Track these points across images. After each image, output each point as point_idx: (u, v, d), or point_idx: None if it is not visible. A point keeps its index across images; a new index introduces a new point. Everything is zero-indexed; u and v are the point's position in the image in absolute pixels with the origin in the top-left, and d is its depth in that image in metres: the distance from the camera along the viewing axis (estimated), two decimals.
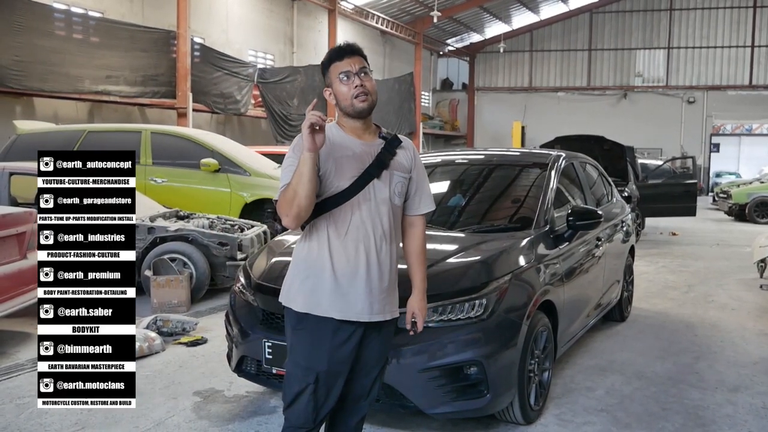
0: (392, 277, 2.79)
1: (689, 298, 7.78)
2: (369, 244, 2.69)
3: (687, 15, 30.53)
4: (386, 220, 2.73)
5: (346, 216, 2.67)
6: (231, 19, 18.97)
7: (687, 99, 30.59)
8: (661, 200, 13.08)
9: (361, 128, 2.76)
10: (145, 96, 14.44)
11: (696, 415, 4.30)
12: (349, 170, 2.68)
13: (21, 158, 8.93)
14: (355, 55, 2.73)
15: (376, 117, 2.84)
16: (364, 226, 2.68)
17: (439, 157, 6.06)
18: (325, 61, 2.76)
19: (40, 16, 12.31)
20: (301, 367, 2.71)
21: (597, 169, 6.51)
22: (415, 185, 2.87)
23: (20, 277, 5.64)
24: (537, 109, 32.03)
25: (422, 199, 2.91)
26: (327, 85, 2.76)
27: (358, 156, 2.71)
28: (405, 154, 2.83)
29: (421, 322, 2.91)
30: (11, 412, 4.16)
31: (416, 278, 2.91)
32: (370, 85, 2.72)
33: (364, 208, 2.69)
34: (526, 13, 30.85)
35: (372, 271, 2.69)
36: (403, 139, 2.85)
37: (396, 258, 2.80)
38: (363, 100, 2.69)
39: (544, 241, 4.49)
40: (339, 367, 2.71)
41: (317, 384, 2.69)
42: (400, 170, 2.79)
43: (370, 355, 2.80)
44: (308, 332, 2.70)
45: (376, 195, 2.71)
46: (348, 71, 2.70)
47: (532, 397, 4.05)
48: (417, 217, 2.91)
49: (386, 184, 2.74)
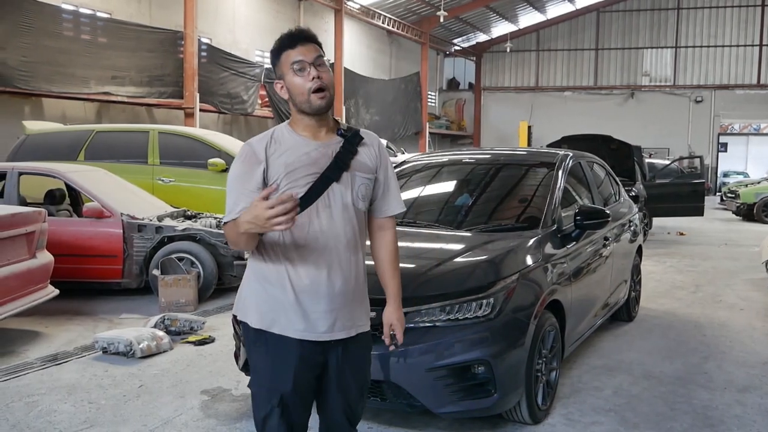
0: (359, 288, 2.52)
1: (697, 298, 7.76)
2: (331, 256, 2.41)
3: (695, 14, 30.39)
4: (350, 228, 2.44)
5: (304, 226, 2.37)
6: (238, 20, 19.00)
7: (694, 98, 30.46)
8: (668, 200, 13.04)
9: (317, 126, 2.45)
10: (153, 96, 14.49)
11: (705, 415, 4.29)
12: (303, 176, 2.38)
13: (30, 158, 8.99)
14: (309, 42, 2.43)
15: (382, 117, 2.71)
16: (324, 236, 2.40)
17: (446, 157, 6.06)
18: (275, 48, 2.46)
19: (48, 17, 12.38)
20: (264, 388, 2.45)
21: (604, 169, 6.50)
22: (382, 186, 2.56)
23: (29, 276, 5.68)
24: (544, 108, 31.94)
25: (391, 201, 2.60)
26: (278, 77, 2.45)
27: (314, 159, 2.40)
28: (368, 151, 2.52)
29: (400, 333, 2.66)
30: (21, 410, 4.18)
31: (390, 287, 2.63)
32: (327, 78, 2.41)
33: (324, 216, 2.40)
34: (533, 13, 30.78)
35: (335, 285, 2.42)
36: (365, 134, 2.54)
37: (363, 268, 2.53)
38: (321, 97, 2.39)
39: (552, 240, 4.49)
40: (305, 387, 2.46)
41: (283, 407, 2.42)
42: (362, 171, 2.48)
43: (343, 373, 2.51)
44: (267, 350, 2.44)
45: (336, 200, 2.41)
46: (301, 60, 2.39)
47: (540, 396, 4.05)
48: (386, 220, 2.61)
49: (347, 187, 2.44)
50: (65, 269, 6.47)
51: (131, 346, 5.17)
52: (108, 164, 8.76)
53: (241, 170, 2.39)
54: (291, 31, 2.46)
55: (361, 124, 23.29)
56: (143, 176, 9.12)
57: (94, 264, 7.03)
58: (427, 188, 5.53)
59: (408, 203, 5.31)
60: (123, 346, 5.19)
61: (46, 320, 6.24)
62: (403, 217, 4.97)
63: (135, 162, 9.34)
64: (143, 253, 7.04)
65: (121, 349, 5.20)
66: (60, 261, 6.21)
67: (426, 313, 3.62)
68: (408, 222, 4.86)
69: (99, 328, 6.03)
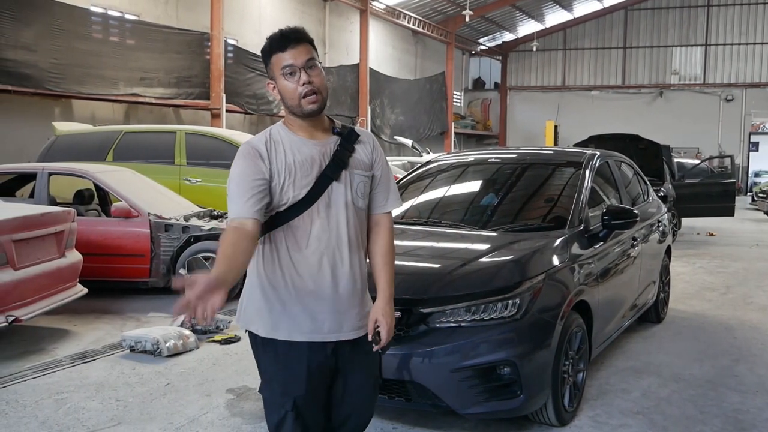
0: (363, 287, 2.50)
1: (728, 300, 7.62)
2: (333, 256, 2.40)
3: (725, 11, 29.93)
4: (351, 227, 2.44)
5: (306, 226, 2.38)
6: (264, 21, 19.12)
7: (725, 97, 30.00)
8: (698, 200, 12.85)
9: (312, 127, 2.44)
10: (180, 97, 14.64)
11: (735, 419, 4.21)
12: (303, 176, 2.37)
13: (60, 159, 9.11)
14: (301, 43, 2.36)
15: (407, 117, 2.70)
16: (326, 235, 2.39)
17: (471, 157, 6.03)
18: (265, 49, 2.40)
19: (77, 19, 12.56)
20: (276, 393, 2.44)
21: (632, 168, 6.41)
22: (378, 182, 2.55)
23: (59, 275, 5.76)
24: (570, 108, 31.68)
25: (388, 196, 2.59)
26: (270, 78, 2.42)
27: (312, 158, 2.40)
28: (364, 149, 2.52)
29: (384, 331, 2.47)
30: (50, 407, 4.24)
31: (381, 282, 2.54)
32: (319, 81, 2.37)
33: (325, 216, 2.39)
34: (560, 11, 30.54)
35: (340, 284, 2.42)
36: (360, 131, 2.54)
37: (365, 266, 2.53)
38: (313, 102, 2.36)
39: (579, 240, 4.43)
40: (319, 390, 2.45)
41: (296, 411, 2.40)
42: (360, 168, 2.48)
43: (353, 374, 2.51)
44: (277, 356, 2.43)
45: (336, 199, 2.41)
46: (291, 65, 2.34)
47: (566, 398, 4.00)
48: (382, 216, 2.59)
49: (346, 185, 2.43)
50: (94, 268, 6.55)
51: (158, 344, 5.22)
52: (136, 164, 8.86)
53: (245, 166, 2.35)
54: (282, 32, 2.38)
55: (386, 124, 23.30)
56: (170, 176, 9.20)
57: (122, 263, 7.10)
58: (452, 188, 5.50)
59: (433, 203, 5.30)
60: (150, 345, 5.24)
61: (75, 319, 6.33)
62: (428, 217, 4.96)
63: (162, 162, 9.44)
64: (170, 253, 7.11)
65: (148, 348, 5.24)
66: (88, 260, 6.29)
67: (451, 314, 3.60)
68: (433, 222, 4.84)
69: (126, 326, 6.10)
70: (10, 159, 10.24)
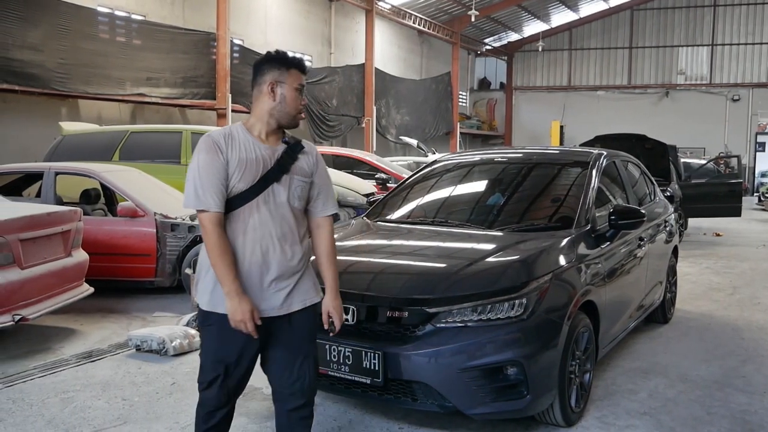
0: (291, 274, 2.86)
1: (735, 300, 7.59)
2: (267, 245, 2.79)
3: (732, 11, 29.82)
4: (285, 223, 2.84)
5: (246, 218, 2.78)
6: (270, 21, 19.13)
7: (731, 97, 29.89)
8: (704, 200, 12.80)
9: (273, 133, 2.88)
10: (186, 97, 14.67)
11: (743, 420, 4.18)
12: (251, 173, 2.77)
13: (66, 158, 9.15)
14: (306, 74, 2.92)
15: (413, 117, 2.88)
16: (263, 227, 2.79)
17: (477, 156, 6.02)
18: (285, 59, 2.84)
19: (84, 19, 12.60)
20: (210, 359, 2.86)
21: (639, 168, 6.39)
22: (317, 189, 2.97)
23: (65, 274, 5.77)
24: (576, 108, 31.61)
25: (325, 202, 3.00)
26: (274, 80, 2.81)
27: (262, 160, 2.80)
28: (307, 159, 2.93)
29: (338, 321, 3.00)
30: (56, 406, 4.25)
31: (328, 278, 2.99)
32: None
33: (264, 211, 2.79)
34: (566, 11, 30.49)
35: (271, 270, 2.80)
36: (305, 144, 2.96)
37: (300, 257, 2.88)
38: (302, 118, 2.92)
39: (585, 240, 4.42)
40: (247, 359, 2.86)
41: (226, 374, 2.84)
42: (300, 174, 2.89)
43: (283, 348, 2.90)
44: (216, 329, 2.81)
45: (275, 198, 2.81)
46: (303, 86, 2.87)
47: (573, 398, 3.99)
48: (323, 219, 3.01)
49: (285, 187, 2.84)
50: (100, 268, 6.57)
51: (164, 344, 5.22)
52: (142, 164, 8.87)
53: (208, 160, 2.73)
54: (301, 60, 2.90)
55: (392, 124, 23.29)
56: (176, 176, 9.17)
57: (128, 263, 7.12)
58: (458, 188, 5.49)
59: (439, 203, 5.30)
60: (156, 344, 5.24)
61: (81, 318, 6.34)
62: (434, 217, 4.96)
63: (168, 162, 9.45)
64: (176, 252, 7.11)
65: (154, 347, 5.25)
66: (95, 259, 6.30)
67: (457, 314, 3.58)
68: (439, 221, 4.83)
69: (133, 326, 6.10)
70: (16, 159, 10.28)
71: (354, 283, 3.93)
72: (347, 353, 3.64)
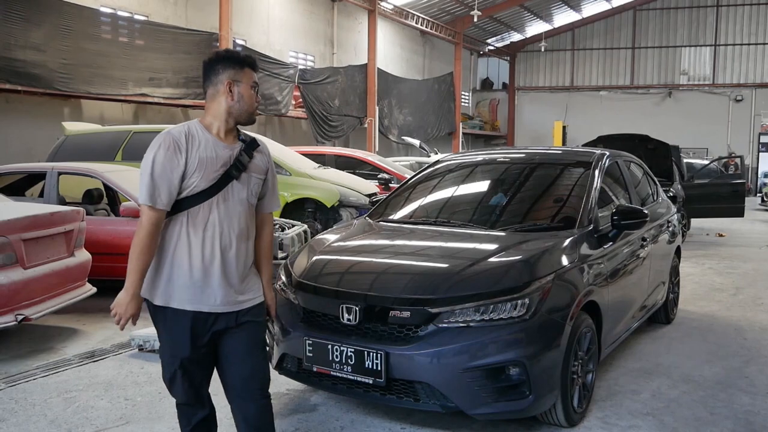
0: (246, 271, 2.93)
1: (737, 301, 7.58)
2: (225, 242, 2.83)
3: (734, 11, 29.78)
4: (242, 219, 2.89)
5: (205, 214, 2.80)
6: (272, 21, 19.14)
7: (734, 97, 29.84)
8: (707, 200, 12.78)
9: (230, 132, 2.90)
10: (188, 97, 14.67)
11: (746, 420, 4.18)
12: (210, 171, 2.79)
13: (69, 158, 9.15)
14: (256, 72, 2.94)
15: (415, 118, 2.86)
16: (221, 224, 2.82)
17: (479, 156, 6.01)
18: (239, 58, 2.87)
19: (87, 20, 12.62)
20: (167, 354, 2.92)
21: (642, 168, 6.38)
22: (268, 186, 3.03)
23: (68, 274, 5.78)
24: (579, 108, 31.59)
25: (271, 199, 3.07)
26: (231, 80, 2.83)
27: (220, 157, 2.83)
28: (261, 157, 2.98)
29: (273, 310, 3.11)
30: (59, 406, 4.25)
31: (266, 273, 3.07)
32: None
33: (222, 208, 2.83)
34: (568, 12, 30.47)
35: (228, 267, 2.84)
36: (260, 142, 3.00)
37: (251, 253, 2.97)
38: (258, 115, 2.87)
39: (588, 240, 4.41)
40: (201, 353, 2.88)
41: (183, 369, 2.88)
42: (257, 172, 2.94)
43: (238, 342, 2.93)
44: (168, 323, 2.87)
45: (234, 195, 2.86)
46: (256, 83, 2.91)
47: (576, 399, 3.98)
48: (267, 215, 3.09)
49: (244, 185, 2.89)
50: (103, 267, 6.56)
51: None
52: None
53: (165, 158, 2.74)
54: (252, 57, 2.94)
55: (394, 124, 23.29)
56: None
57: None
58: (460, 188, 5.49)
59: (441, 203, 5.29)
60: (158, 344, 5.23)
61: (83, 318, 6.35)
62: (437, 217, 4.95)
63: None
64: None
65: (156, 347, 5.25)
66: (97, 259, 6.30)
67: (460, 314, 3.58)
68: (442, 222, 4.83)
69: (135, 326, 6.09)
70: (19, 159, 10.30)
71: (356, 283, 3.94)
72: (349, 353, 3.64)
